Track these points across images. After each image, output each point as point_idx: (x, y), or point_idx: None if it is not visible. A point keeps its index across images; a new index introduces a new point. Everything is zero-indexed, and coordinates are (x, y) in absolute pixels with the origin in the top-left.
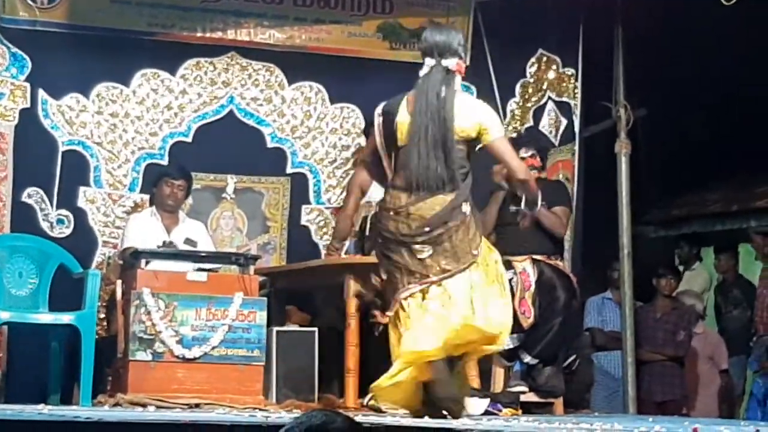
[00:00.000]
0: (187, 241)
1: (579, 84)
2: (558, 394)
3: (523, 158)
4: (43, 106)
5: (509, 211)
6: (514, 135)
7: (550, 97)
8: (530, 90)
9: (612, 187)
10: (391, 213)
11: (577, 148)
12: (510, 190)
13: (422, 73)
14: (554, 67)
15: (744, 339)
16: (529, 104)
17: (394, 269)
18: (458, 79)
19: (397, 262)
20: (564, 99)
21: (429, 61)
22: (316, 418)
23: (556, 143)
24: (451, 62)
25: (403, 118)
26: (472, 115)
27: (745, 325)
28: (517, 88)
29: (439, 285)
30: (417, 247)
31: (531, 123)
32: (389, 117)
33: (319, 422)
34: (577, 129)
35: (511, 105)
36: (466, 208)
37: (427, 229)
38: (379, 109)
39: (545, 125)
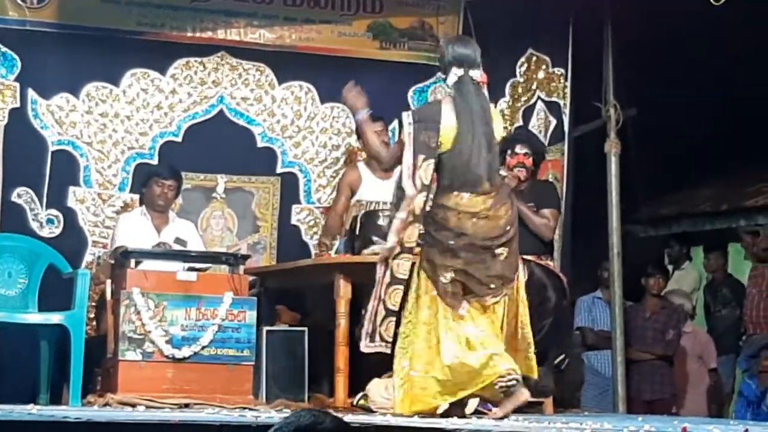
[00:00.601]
0: (177, 240)
1: (569, 84)
2: (548, 393)
3: (516, 154)
4: (32, 106)
5: None
6: (504, 134)
7: (539, 97)
8: (520, 90)
9: (602, 187)
10: (468, 215)
11: (566, 147)
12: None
13: (451, 81)
14: (544, 66)
15: (733, 338)
16: (518, 104)
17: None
18: (485, 90)
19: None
20: (554, 99)
21: (457, 71)
22: (304, 418)
23: (546, 143)
24: (476, 74)
25: (447, 125)
26: (500, 124)
27: (734, 324)
28: (507, 88)
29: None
30: (499, 250)
31: (520, 123)
32: (427, 124)
33: (308, 422)
34: (566, 129)
35: (501, 105)
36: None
37: (509, 228)
38: (409, 117)
39: (535, 125)
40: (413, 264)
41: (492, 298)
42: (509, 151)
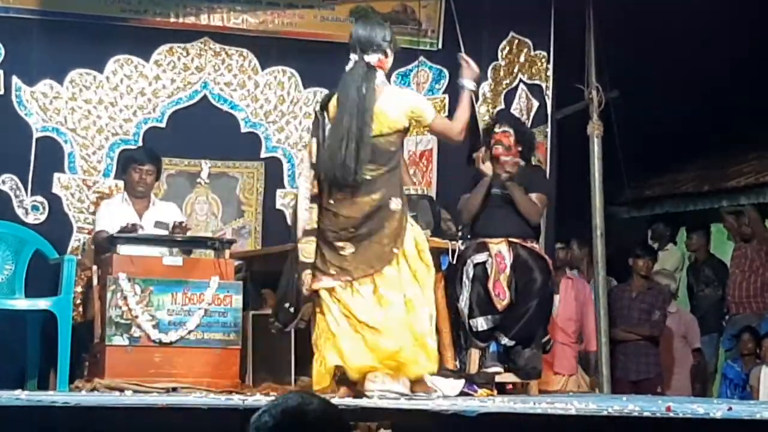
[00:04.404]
0: (158, 224)
1: (551, 66)
2: (537, 375)
3: (495, 132)
4: (17, 93)
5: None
6: (486, 118)
7: (521, 80)
8: (502, 73)
9: (585, 169)
10: (322, 209)
11: (549, 130)
12: (493, 177)
13: (347, 68)
14: (526, 49)
15: (715, 317)
16: (500, 87)
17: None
18: (380, 75)
19: (322, 255)
20: (535, 81)
21: (353, 56)
22: (292, 400)
23: (529, 126)
24: (372, 58)
25: (332, 115)
26: (401, 104)
27: (716, 304)
28: (489, 71)
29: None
30: (339, 244)
31: (502, 105)
32: (322, 114)
33: (295, 404)
34: (549, 111)
35: (483, 88)
36: (396, 204)
37: (352, 228)
38: (317, 105)
39: (517, 108)
40: None
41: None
42: (491, 132)
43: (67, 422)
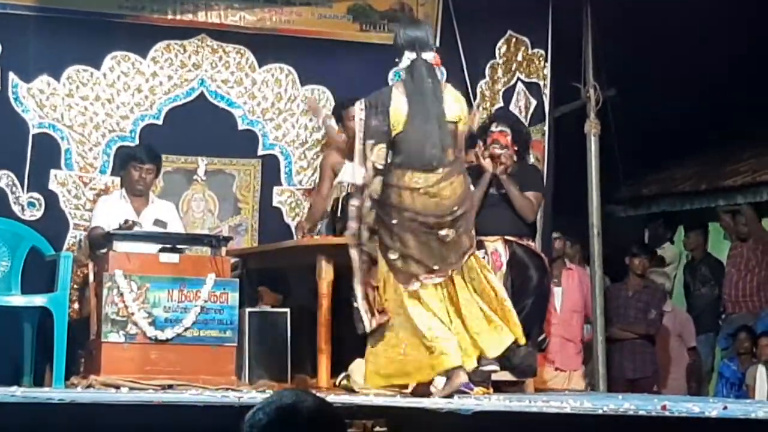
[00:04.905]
0: (157, 222)
1: (548, 64)
2: (533, 373)
3: (492, 132)
4: (13, 89)
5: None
6: (485, 117)
7: (519, 78)
8: (500, 71)
9: (582, 167)
10: (409, 190)
11: (547, 128)
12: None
13: (403, 65)
14: (523, 48)
15: (712, 316)
16: (498, 85)
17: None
18: (438, 72)
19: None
20: (533, 80)
21: (409, 55)
22: (286, 398)
23: (526, 124)
24: (429, 56)
25: (398, 108)
26: (457, 104)
27: (712, 303)
28: (487, 70)
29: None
30: (443, 232)
31: (501, 104)
32: (378, 109)
33: (290, 402)
34: (547, 109)
35: (481, 86)
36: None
37: (455, 208)
38: (361, 104)
39: (515, 106)
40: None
41: (437, 279)
42: (487, 131)
43: (62, 419)
